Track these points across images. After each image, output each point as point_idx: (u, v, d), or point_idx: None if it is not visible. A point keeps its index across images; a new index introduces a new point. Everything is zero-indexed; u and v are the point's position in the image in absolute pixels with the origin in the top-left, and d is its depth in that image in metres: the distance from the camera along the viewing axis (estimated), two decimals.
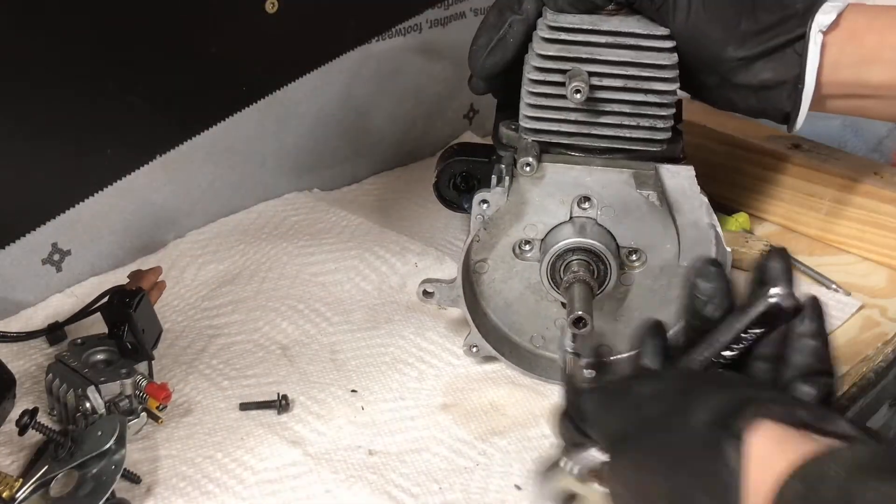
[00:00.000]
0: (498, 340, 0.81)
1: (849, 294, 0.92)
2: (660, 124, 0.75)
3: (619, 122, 0.75)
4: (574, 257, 0.76)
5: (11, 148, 0.70)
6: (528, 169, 0.74)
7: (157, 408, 0.74)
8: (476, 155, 0.91)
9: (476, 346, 0.80)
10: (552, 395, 0.79)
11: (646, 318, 0.61)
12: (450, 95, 1.19)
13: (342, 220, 1.03)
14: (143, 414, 0.74)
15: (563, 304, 0.77)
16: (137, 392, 0.73)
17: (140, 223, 0.95)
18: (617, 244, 0.76)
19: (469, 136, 1.21)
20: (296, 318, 0.89)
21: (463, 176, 0.90)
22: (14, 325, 0.86)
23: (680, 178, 0.74)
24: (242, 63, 0.81)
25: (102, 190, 0.76)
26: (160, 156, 0.78)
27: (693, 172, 0.74)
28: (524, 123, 0.77)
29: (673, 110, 0.76)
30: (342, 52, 0.89)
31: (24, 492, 0.64)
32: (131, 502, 0.67)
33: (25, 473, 0.67)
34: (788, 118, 0.77)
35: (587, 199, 0.76)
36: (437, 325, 0.87)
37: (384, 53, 1.07)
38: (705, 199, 0.73)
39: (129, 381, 0.73)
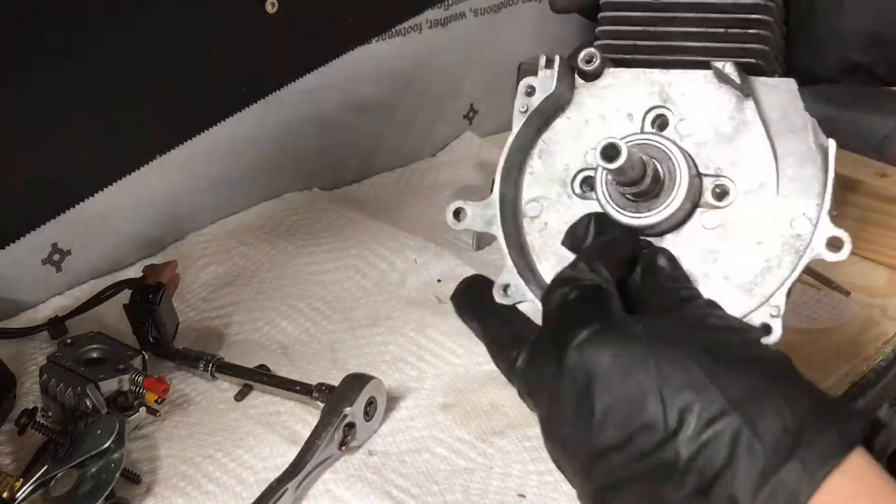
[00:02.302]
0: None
1: (849, 294, 0.92)
2: (752, 30, 0.64)
3: (704, 31, 0.64)
4: None
5: (11, 148, 0.70)
6: (589, 65, 0.62)
7: (156, 401, 0.74)
8: None
9: (510, 285, 0.62)
10: None
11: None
12: (450, 95, 1.19)
13: (341, 219, 1.03)
14: (142, 409, 0.74)
15: None
16: (134, 388, 0.73)
17: (140, 223, 0.95)
18: (699, 172, 0.61)
19: (469, 137, 1.21)
20: (296, 316, 0.89)
21: None
22: (14, 325, 0.86)
23: (778, 93, 0.61)
24: (242, 63, 0.81)
25: (102, 190, 0.76)
26: (160, 156, 0.78)
27: (795, 86, 0.61)
28: (598, 33, 0.66)
29: (768, 17, 0.64)
30: (342, 52, 0.89)
31: (24, 491, 0.64)
32: (131, 502, 0.67)
33: (25, 473, 0.67)
34: None
35: (661, 113, 0.63)
36: (438, 322, 0.87)
37: (384, 53, 1.08)
38: (812, 118, 0.60)
39: (126, 377, 0.73)
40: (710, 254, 0.59)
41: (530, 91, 0.63)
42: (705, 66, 0.62)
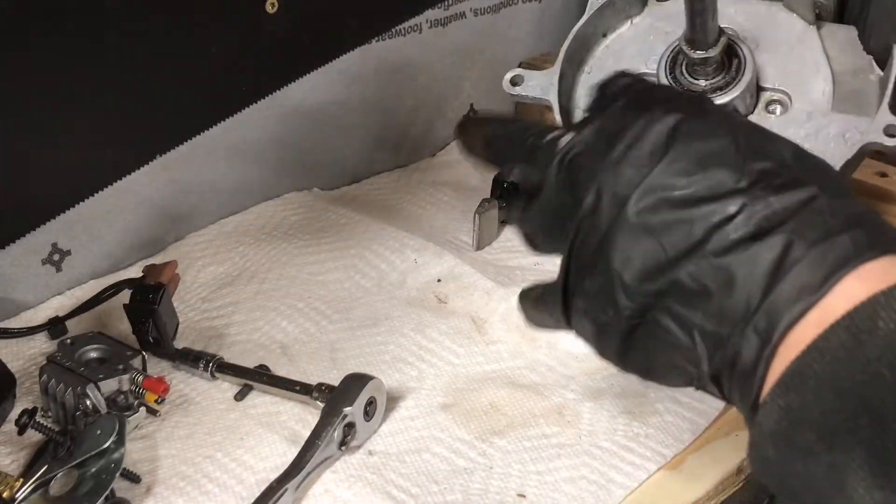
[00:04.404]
0: None
1: None
2: None
3: None
4: None
5: (11, 148, 0.70)
6: None
7: (156, 401, 0.74)
8: None
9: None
10: (552, 395, 0.79)
11: None
12: (450, 95, 1.19)
13: (341, 219, 1.03)
14: (142, 409, 0.74)
15: None
16: (134, 388, 0.74)
17: (140, 223, 0.95)
18: (758, 85, 0.65)
19: None
20: (296, 316, 0.89)
21: None
22: (14, 325, 0.86)
23: (840, 35, 0.65)
24: (242, 63, 0.81)
25: (102, 190, 0.76)
26: (160, 156, 0.78)
27: (855, 31, 0.66)
28: None
29: None
30: (342, 52, 0.89)
31: (24, 491, 0.64)
32: (131, 502, 0.67)
33: (25, 473, 0.68)
34: None
35: (729, 35, 0.65)
36: (438, 322, 0.87)
37: (384, 53, 1.07)
38: (869, 56, 0.65)
39: (126, 377, 0.73)
40: None
41: None
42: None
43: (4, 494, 0.64)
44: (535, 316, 0.58)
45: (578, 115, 0.66)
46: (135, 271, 0.91)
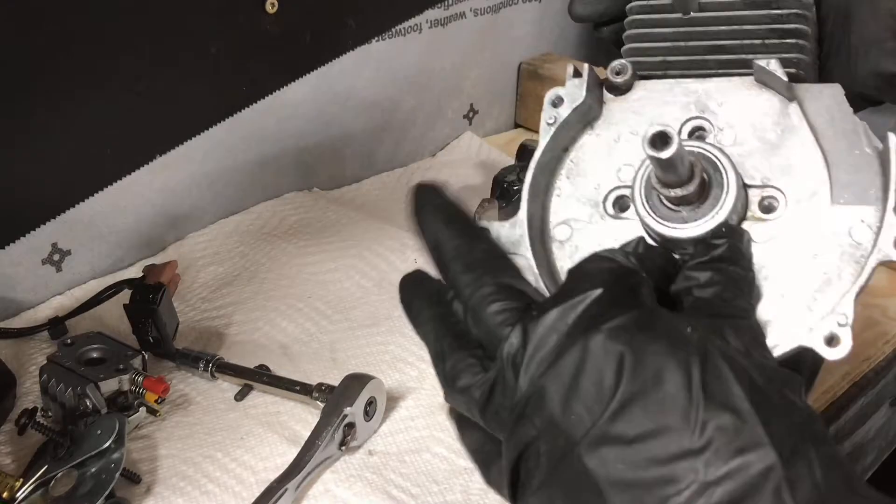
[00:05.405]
0: None
1: None
2: (790, 39, 0.61)
3: (739, 42, 0.60)
4: None
5: (11, 148, 0.70)
6: (619, 77, 0.58)
7: (156, 401, 0.74)
8: None
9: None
10: None
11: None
12: (450, 95, 1.19)
13: (342, 219, 1.03)
14: (142, 409, 0.74)
15: None
16: (134, 388, 0.74)
17: (140, 223, 0.95)
18: (744, 183, 0.56)
19: (469, 137, 1.21)
20: (296, 316, 0.89)
21: None
22: (14, 325, 0.86)
23: (824, 98, 0.57)
24: (242, 63, 0.81)
25: (102, 190, 0.76)
26: (160, 156, 0.78)
27: (840, 90, 0.57)
28: (625, 51, 0.63)
29: (805, 26, 0.61)
30: (342, 52, 0.89)
31: (24, 491, 0.64)
32: (131, 501, 0.67)
33: (25, 473, 0.67)
34: None
35: (699, 125, 0.58)
36: None
37: (384, 53, 1.08)
38: (862, 122, 0.56)
39: (126, 377, 0.73)
40: (762, 270, 0.54)
41: (557, 102, 0.59)
42: (743, 74, 0.57)
43: (4, 494, 0.64)
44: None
45: (556, 249, 0.59)
46: (135, 271, 0.91)
